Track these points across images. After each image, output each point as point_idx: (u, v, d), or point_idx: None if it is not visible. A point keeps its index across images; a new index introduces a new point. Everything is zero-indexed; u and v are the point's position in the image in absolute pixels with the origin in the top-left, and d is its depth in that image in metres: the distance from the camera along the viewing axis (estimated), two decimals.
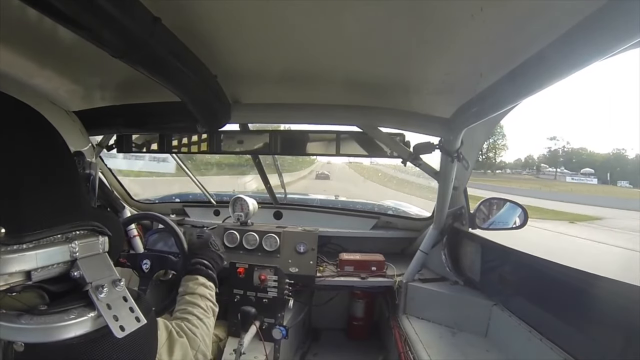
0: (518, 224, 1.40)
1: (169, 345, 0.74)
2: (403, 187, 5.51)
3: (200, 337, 0.86)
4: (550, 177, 52.32)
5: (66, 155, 0.60)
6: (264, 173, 2.02)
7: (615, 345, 0.83)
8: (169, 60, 0.76)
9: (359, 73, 1.03)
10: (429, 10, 0.66)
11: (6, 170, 0.49)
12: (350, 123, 1.32)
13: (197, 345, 0.84)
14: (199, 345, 0.84)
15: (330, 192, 7.19)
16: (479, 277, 1.43)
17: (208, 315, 0.97)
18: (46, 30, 0.79)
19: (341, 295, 2.02)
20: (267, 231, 1.70)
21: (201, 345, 0.85)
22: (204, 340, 0.87)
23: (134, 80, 1.11)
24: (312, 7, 0.69)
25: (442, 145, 1.23)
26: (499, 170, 58.98)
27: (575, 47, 0.56)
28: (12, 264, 0.47)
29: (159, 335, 0.71)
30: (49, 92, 1.15)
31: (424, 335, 1.35)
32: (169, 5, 0.68)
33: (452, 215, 1.54)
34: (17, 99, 0.54)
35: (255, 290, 1.50)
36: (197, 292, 1.01)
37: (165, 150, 1.57)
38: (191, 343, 0.82)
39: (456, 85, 0.97)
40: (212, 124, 1.23)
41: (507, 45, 0.72)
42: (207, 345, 0.88)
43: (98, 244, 0.59)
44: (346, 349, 1.98)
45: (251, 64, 1.01)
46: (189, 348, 0.80)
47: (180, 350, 0.76)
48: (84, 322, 0.52)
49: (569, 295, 0.99)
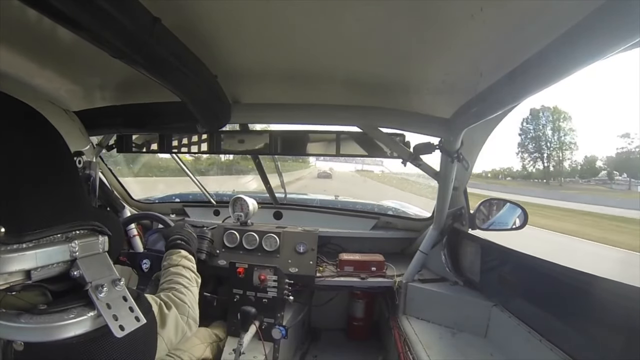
0: (518, 225, 1.40)
1: (161, 319, 0.76)
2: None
3: (188, 302, 0.90)
4: (622, 186, 36.18)
5: (67, 155, 0.60)
6: (264, 173, 2.02)
7: (615, 346, 0.82)
8: (168, 61, 0.76)
9: (359, 73, 1.03)
10: (429, 10, 0.66)
11: (7, 170, 0.49)
12: (350, 123, 1.32)
13: (187, 311, 0.87)
14: (188, 310, 0.88)
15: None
16: (478, 278, 1.43)
17: (193, 284, 1.01)
18: (46, 30, 0.79)
19: (341, 296, 2.02)
20: (267, 231, 1.70)
21: (190, 311, 0.88)
22: (192, 306, 0.91)
23: (134, 80, 1.11)
24: (312, 7, 0.69)
25: (442, 145, 1.23)
26: (569, 179, 42.93)
27: (575, 47, 0.56)
28: (12, 263, 0.47)
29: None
30: (50, 92, 1.16)
31: (424, 335, 1.34)
32: (169, 5, 0.68)
33: (452, 216, 1.54)
34: (17, 99, 0.55)
35: (254, 290, 1.50)
36: (180, 264, 1.05)
37: (165, 150, 1.57)
38: (180, 309, 0.85)
39: (456, 85, 0.97)
40: (212, 124, 1.23)
41: (507, 45, 0.72)
42: (195, 311, 0.92)
43: (98, 244, 0.59)
44: (346, 349, 1.98)
45: (251, 64, 1.01)
46: (179, 317, 0.83)
47: (172, 321, 0.79)
48: (84, 322, 0.53)
49: (569, 296, 0.99)
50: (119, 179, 2.10)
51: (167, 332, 0.76)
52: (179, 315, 0.83)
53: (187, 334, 0.85)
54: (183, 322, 0.83)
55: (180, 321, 0.82)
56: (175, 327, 0.80)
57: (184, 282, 0.98)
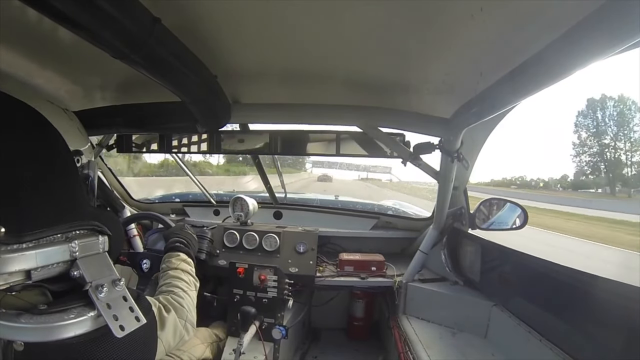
0: (518, 225, 1.40)
1: (160, 321, 0.76)
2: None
3: (187, 307, 0.90)
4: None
5: (66, 155, 0.60)
6: (264, 173, 2.02)
7: (615, 346, 0.82)
8: (169, 61, 0.77)
9: (359, 73, 1.03)
10: (429, 10, 0.66)
11: (6, 170, 0.49)
12: (350, 123, 1.32)
13: (185, 314, 0.87)
14: (187, 314, 0.88)
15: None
16: (478, 278, 1.43)
17: (191, 288, 1.01)
18: (46, 30, 0.79)
19: (341, 295, 2.02)
20: (267, 231, 1.70)
21: (188, 315, 0.89)
22: (190, 310, 0.91)
23: (134, 80, 1.11)
24: (312, 7, 0.69)
25: (442, 145, 1.23)
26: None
27: (575, 47, 0.56)
28: (12, 263, 0.47)
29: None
30: (50, 92, 1.15)
31: (424, 335, 1.34)
32: (169, 6, 0.68)
33: (452, 216, 1.54)
34: (17, 99, 0.54)
35: (255, 290, 1.50)
36: (179, 268, 1.05)
37: (165, 150, 1.57)
38: (179, 313, 0.85)
39: (456, 85, 0.97)
40: (212, 124, 1.24)
41: (507, 45, 0.72)
42: (193, 315, 0.92)
43: (98, 244, 0.59)
44: (346, 349, 1.97)
45: (251, 64, 1.01)
46: (178, 320, 0.83)
47: (171, 325, 0.79)
48: (84, 322, 0.52)
49: (569, 295, 0.99)
50: (119, 179, 2.10)
51: (166, 335, 0.77)
52: (177, 319, 0.83)
53: (184, 338, 0.85)
54: (181, 325, 0.84)
55: (179, 325, 0.83)
56: (173, 330, 0.80)
57: (182, 285, 0.98)
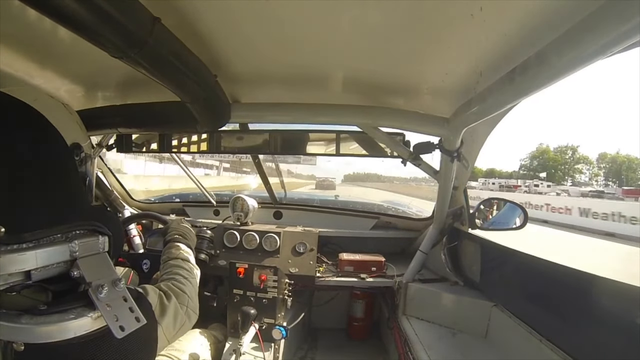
0: (518, 225, 1.40)
1: (161, 309, 0.76)
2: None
3: (188, 293, 0.89)
4: None
5: (66, 155, 0.60)
6: (263, 173, 2.02)
7: (615, 346, 0.82)
8: (168, 60, 0.77)
9: (358, 73, 1.03)
10: (429, 9, 0.66)
11: (6, 170, 0.49)
12: (350, 123, 1.32)
13: (186, 300, 0.87)
14: (188, 301, 0.87)
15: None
16: (478, 278, 1.43)
17: (192, 275, 1.01)
18: (46, 30, 0.79)
19: (341, 296, 2.02)
20: (267, 231, 1.70)
21: (189, 301, 0.88)
22: (192, 297, 0.91)
23: (133, 80, 1.11)
24: (312, 8, 0.69)
25: (442, 145, 1.23)
26: None
27: (575, 47, 0.55)
28: (12, 263, 0.47)
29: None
30: (50, 92, 1.15)
31: (424, 335, 1.34)
32: (169, 5, 0.68)
33: (452, 216, 1.53)
34: (16, 98, 0.54)
35: (255, 291, 1.50)
36: (179, 257, 1.05)
37: (165, 150, 1.57)
38: (180, 299, 0.84)
39: (456, 85, 0.97)
40: (212, 123, 1.23)
41: (507, 45, 0.72)
42: (195, 302, 0.92)
43: (98, 244, 0.59)
44: (346, 349, 1.97)
45: (251, 64, 1.01)
46: (179, 307, 0.82)
47: (171, 312, 0.79)
48: (84, 322, 0.52)
49: (569, 296, 0.99)
50: (119, 179, 2.10)
51: (167, 323, 0.76)
52: (178, 305, 0.82)
53: (186, 325, 0.84)
54: (182, 312, 0.83)
55: (180, 311, 0.82)
56: (174, 317, 0.79)
57: (183, 273, 0.97)
